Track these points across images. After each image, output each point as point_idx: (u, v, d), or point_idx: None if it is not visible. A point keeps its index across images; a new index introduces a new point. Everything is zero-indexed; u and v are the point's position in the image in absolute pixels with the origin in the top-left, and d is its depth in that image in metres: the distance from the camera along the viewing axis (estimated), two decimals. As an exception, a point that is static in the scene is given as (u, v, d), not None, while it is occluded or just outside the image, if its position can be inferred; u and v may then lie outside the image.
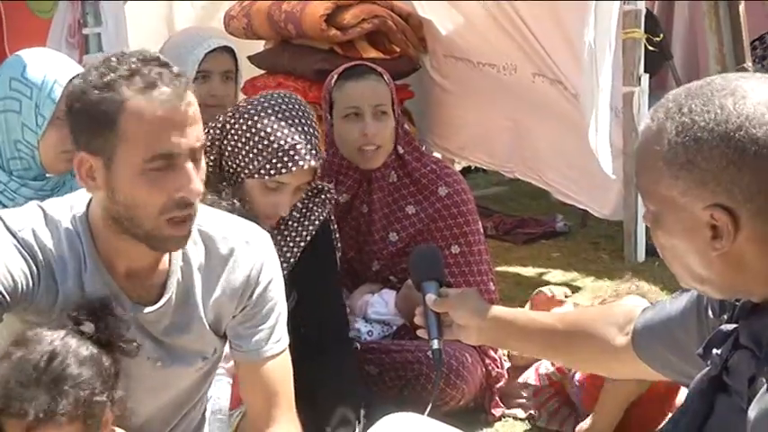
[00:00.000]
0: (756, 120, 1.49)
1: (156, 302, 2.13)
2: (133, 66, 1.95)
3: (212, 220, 2.21)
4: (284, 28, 5.36)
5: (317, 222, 3.15)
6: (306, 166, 2.96)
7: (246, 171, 2.97)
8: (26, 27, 5.41)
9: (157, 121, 1.94)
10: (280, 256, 2.36)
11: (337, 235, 3.33)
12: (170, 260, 2.14)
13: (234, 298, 2.21)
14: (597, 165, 4.86)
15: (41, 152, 2.88)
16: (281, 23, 5.35)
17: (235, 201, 2.83)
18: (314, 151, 2.99)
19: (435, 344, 2.22)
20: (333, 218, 3.30)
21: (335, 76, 3.60)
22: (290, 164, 2.94)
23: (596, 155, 4.52)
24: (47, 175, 2.93)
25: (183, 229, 2.02)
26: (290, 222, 3.12)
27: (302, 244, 3.12)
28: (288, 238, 3.10)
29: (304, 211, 3.15)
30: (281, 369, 2.27)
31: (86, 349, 1.91)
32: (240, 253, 2.20)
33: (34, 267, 2.02)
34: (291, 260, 3.09)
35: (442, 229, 3.57)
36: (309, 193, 3.18)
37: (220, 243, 2.19)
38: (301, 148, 2.96)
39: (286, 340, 2.29)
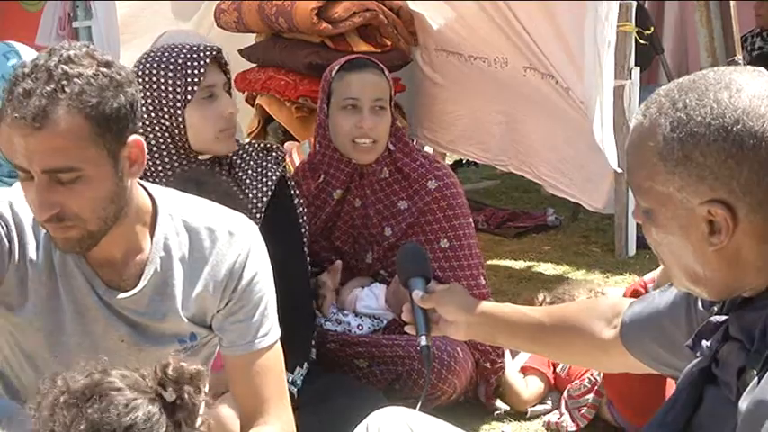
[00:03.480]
0: (753, 112, 1.49)
1: (131, 290, 2.12)
2: (27, 71, 1.94)
3: (196, 211, 2.20)
4: (275, 21, 5.35)
5: (274, 178, 3.17)
6: (215, 52, 3.06)
7: (179, 102, 3.01)
8: (15, 20, 5.39)
9: (11, 135, 1.94)
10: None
11: (301, 199, 3.34)
12: (150, 249, 2.13)
13: (218, 292, 2.18)
14: (589, 158, 4.87)
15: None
16: (273, 17, 5.34)
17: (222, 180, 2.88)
18: (204, 44, 3.11)
19: (423, 340, 2.21)
20: (292, 181, 3.32)
21: (336, 67, 3.59)
22: (203, 56, 3.03)
23: (602, 149, 4.52)
24: None
25: (58, 233, 2.01)
26: (248, 181, 3.14)
27: (264, 199, 3.14)
28: (249, 196, 3.12)
29: (259, 170, 3.18)
30: (269, 362, 2.23)
31: (161, 428, 1.72)
32: (224, 245, 2.17)
33: (6, 241, 2.04)
34: (258, 216, 3.10)
35: (432, 223, 3.56)
36: (261, 153, 3.21)
37: (204, 234, 2.17)
38: (194, 45, 3.06)
39: (276, 333, 2.25)
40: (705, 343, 1.62)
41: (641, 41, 4.88)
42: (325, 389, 3.10)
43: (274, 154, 3.22)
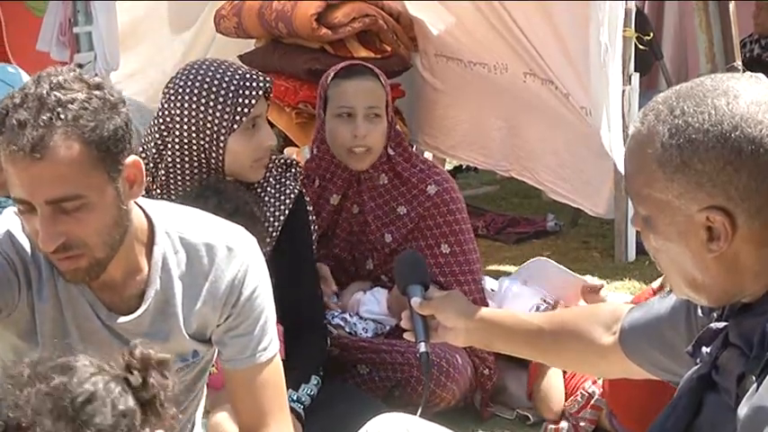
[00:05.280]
0: (751, 119, 1.49)
1: (133, 312, 2.10)
2: (17, 102, 1.89)
3: (194, 227, 2.17)
4: (275, 27, 5.35)
5: (292, 196, 3.16)
6: (268, 84, 3.04)
7: (224, 129, 2.97)
8: (25, 26, 5.40)
9: (8, 169, 1.91)
10: (262, 234, 2.32)
11: (314, 217, 3.34)
12: (149, 270, 2.10)
13: (217, 307, 2.16)
14: (589, 163, 4.88)
15: None
16: (272, 22, 5.34)
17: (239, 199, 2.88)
18: (256, 73, 3.09)
19: (422, 347, 2.19)
20: (306, 195, 3.31)
21: (332, 74, 3.58)
22: (256, 86, 2.99)
23: (610, 154, 4.53)
24: None
25: (66, 264, 1.98)
26: (266, 198, 3.13)
27: (282, 218, 3.12)
28: (267, 213, 3.11)
29: (278, 186, 3.16)
30: (270, 376, 2.22)
31: (125, 403, 1.78)
32: (223, 260, 2.15)
33: (12, 273, 2.01)
34: (274, 234, 3.09)
35: (432, 228, 3.55)
36: (280, 168, 3.19)
37: (202, 251, 2.14)
38: (246, 73, 3.03)
39: (275, 347, 2.24)
40: (705, 349, 1.62)
41: (641, 47, 4.88)
42: (325, 396, 3.10)
43: (293, 170, 3.20)
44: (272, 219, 3.11)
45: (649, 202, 1.59)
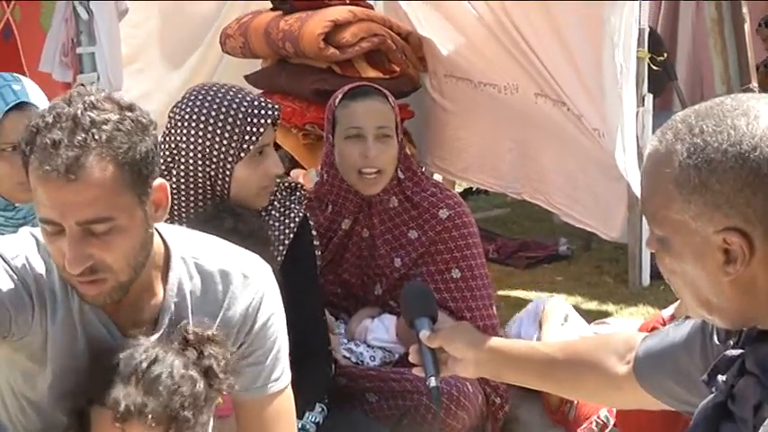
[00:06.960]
0: None
1: (147, 336, 2.09)
2: (49, 121, 1.89)
3: (209, 253, 2.17)
4: (282, 47, 5.35)
5: (297, 219, 3.12)
6: (277, 112, 2.98)
7: (231, 157, 2.93)
8: (39, 44, 5.38)
9: (39, 189, 1.91)
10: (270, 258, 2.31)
11: (317, 242, 3.30)
12: (164, 294, 2.10)
13: (231, 334, 2.14)
14: (603, 186, 4.86)
15: None
16: (279, 42, 5.34)
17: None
18: (265, 100, 3.04)
19: (433, 381, 2.16)
20: (310, 219, 3.27)
21: (340, 96, 3.54)
22: (265, 114, 2.94)
23: (626, 177, 4.51)
24: (15, 205, 2.91)
25: (90, 289, 1.98)
26: (270, 222, 3.10)
27: (286, 241, 3.10)
28: (272, 238, 3.08)
29: (283, 209, 3.13)
30: (281, 406, 2.22)
31: (186, 368, 2.02)
32: (238, 288, 2.15)
33: (27, 296, 2.00)
34: (278, 258, 3.06)
35: (443, 252, 3.51)
36: (285, 192, 3.16)
37: (217, 277, 2.14)
38: (254, 100, 2.98)
39: (287, 377, 2.24)
40: (721, 378, 1.61)
41: (654, 68, 4.86)
42: (332, 425, 3.08)
43: (297, 194, 3.18)
44: (276, 243, 3.08)
45: (665, 223, 1.58)
